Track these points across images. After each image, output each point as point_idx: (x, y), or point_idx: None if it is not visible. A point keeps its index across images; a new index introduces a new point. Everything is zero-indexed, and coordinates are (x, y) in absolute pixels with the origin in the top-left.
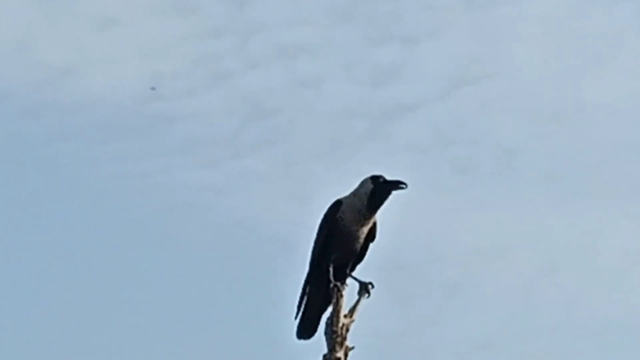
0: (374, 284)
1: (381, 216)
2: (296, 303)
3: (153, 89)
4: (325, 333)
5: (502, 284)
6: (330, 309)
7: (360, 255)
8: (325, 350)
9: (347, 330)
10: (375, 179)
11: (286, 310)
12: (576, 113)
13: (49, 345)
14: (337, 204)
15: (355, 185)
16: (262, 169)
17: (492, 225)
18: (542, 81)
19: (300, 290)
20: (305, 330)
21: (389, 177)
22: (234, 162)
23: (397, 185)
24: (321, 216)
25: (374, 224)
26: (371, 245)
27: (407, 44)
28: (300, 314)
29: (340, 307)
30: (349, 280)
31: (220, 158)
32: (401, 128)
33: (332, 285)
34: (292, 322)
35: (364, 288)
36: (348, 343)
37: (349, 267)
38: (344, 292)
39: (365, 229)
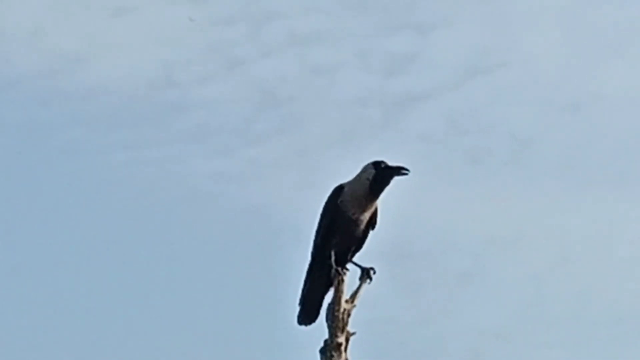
0: (376, 270)
1: (393, 205)
2: (300, 290)
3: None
4: (327, 319)
5: (514, 273)
6: (331, 294)
7: (360, 242)
8: (326, 336)
9: (349, 315)
10: (377, 164)
11: (296, 297)
12: (590, 103)
13: (59, 327)
14: (339, 189)
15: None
16: (274, 157)
17: (505, 215)
18: (556, 70)
19: (304, 277)
20: (307, 316)
21: (391, 163)
22: (246, 150)
23: (398, 170)
24: (323, 202)
25: (375, 211)
26: (372, 232)
27: (420, 32)
28: (301, 299)
29: (342, 292)
30: (350, 266)
31: (233, 146)
32: (414, 117)
33: (333, 270)
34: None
35: (366, 273)
36: (349, 328)
37: (350, 253)
38: (345, 278)
39: (367, 215)
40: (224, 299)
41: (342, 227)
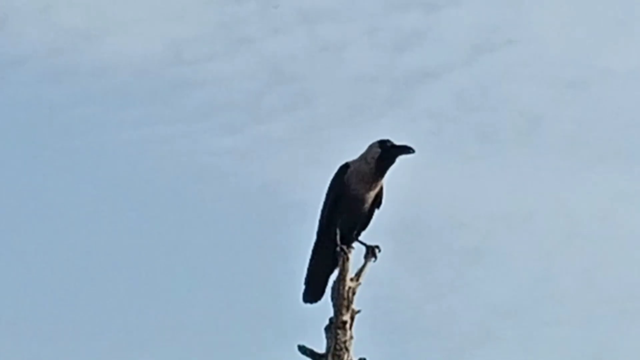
0: (385, 247)
1: (403, 182)
2: (306, 267)
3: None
4: (332, 297)
5: (523, 250)
6: (336, 272)
7: (365, 221)
8: (331, 314)
9: (354, 293)
10: (382, 143)
11: (301, 275)
12: (599, 79)
13: (67, 302)
14: (344, 167)
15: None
16: (283, 134)
17: (514, 192)
18: (565, 47)
19: (310, 255)
20: (312, 294)
21: (397, 142)
22: (255, 128)
23: (404, 150)
24: (329, 180)
25: (381, 190)
26: (378, 211)
27: (429, 9)
28: (307, 277)
29: (347, 270)
30: (355, 244)
31: (241, 123)
32: (423, 94)
33: (338, 248)
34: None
35: (371, 251)
36: (354, 306)
37: (355, 231)
38: (350, 256)
39: (372, 194)
40: (230, 276)
41: (347, 205)
